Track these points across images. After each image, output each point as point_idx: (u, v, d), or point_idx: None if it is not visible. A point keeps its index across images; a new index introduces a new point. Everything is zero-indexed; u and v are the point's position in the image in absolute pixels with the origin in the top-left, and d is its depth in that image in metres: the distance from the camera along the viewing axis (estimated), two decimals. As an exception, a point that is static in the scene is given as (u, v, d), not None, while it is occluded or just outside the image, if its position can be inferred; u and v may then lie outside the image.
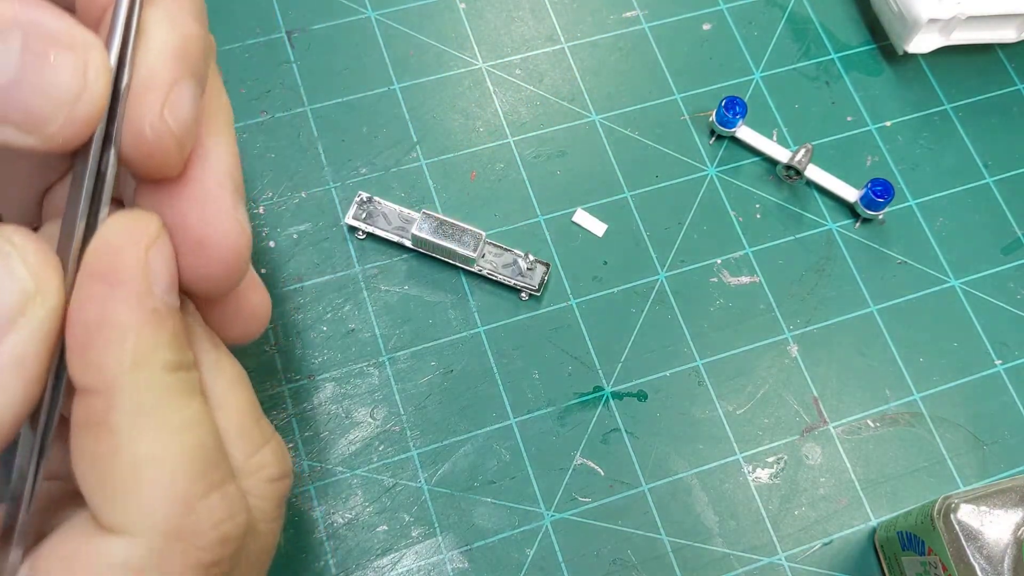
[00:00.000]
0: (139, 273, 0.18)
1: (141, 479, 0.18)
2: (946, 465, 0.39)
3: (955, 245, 0.43)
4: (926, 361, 0.40)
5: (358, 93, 0.43)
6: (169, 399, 0.18)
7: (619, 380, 0.39)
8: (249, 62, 0.43)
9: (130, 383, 0.18)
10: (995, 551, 0.31)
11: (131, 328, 0.18)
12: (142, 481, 0.18)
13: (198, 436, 0.19)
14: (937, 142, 0.45)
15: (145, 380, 0.18)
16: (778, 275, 0.41)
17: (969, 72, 0.46)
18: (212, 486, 0.18)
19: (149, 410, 0.18)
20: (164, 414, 0.18)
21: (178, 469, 0.18)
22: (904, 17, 0.43)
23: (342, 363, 0.38)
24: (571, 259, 0.41)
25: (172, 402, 0.18)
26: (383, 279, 0.40)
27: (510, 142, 0.43)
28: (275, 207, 0.41)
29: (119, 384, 0.18)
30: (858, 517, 0.38)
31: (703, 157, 0.43)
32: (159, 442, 0.18)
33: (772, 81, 0.45)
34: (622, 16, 0.46)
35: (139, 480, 0.18)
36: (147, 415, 0.18)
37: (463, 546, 0.36)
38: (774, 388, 0.39)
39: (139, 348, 0.18)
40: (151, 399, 0.18)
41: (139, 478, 0.18)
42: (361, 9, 0.45)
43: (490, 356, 0.39)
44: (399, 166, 0.42)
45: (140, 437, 0.18)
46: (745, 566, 0.37)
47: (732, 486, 0.38)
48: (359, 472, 0.37)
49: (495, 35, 0.45)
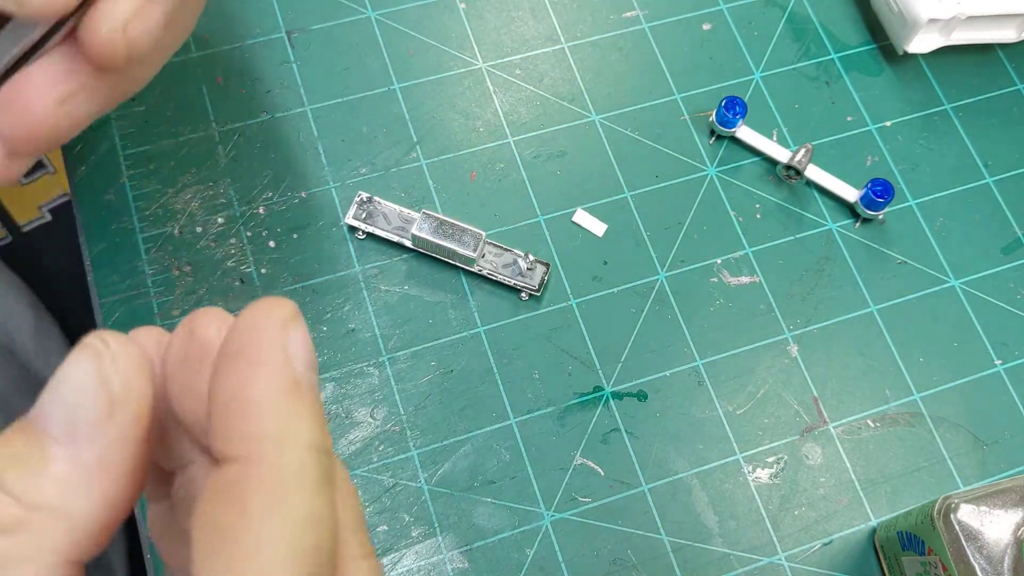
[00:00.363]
0: (279, 349, 0.18)
1: (254, 565, 0.17)
2: (946, 465, 0.39)
3: (955, 245, 0.43)
4: (926, 361, 0.40)
5: (358, 93, 0.43)
6: (307, 482, 0.18)
7: (619, 380, 0.39)
8: (249, 62, 0.43)
9: (273, 454, 0.18)
10: (995, 551, 0.31)
11: (275, 402, 0.18)
12: (254, 567, 0.17)
13: (320, 536, 0.18)
14: (937, 142, 0.45)
15: (288, 455, 0.18)
16: (778, 275, 0.41)
17: (969, 72, 0.46)
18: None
19: (286, 491, 0.18)
20: (299, 499, 0.18)
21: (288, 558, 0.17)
22: (904, 17, 0.43)
23: (342, 363, 0.38)
24: (571, 259, 0.41)
25: (309, 487, 0.18)
26: (383, 279, 0.40)
27: (510, 142, 0.43)
28: (275, 207, 0.41)
29: (262, 455, 0.18)
30: (858, 517, 0.38)
31: (703, 157, 0.43)
32: (284, 533, 0.18)
33: (772, 81, 0.45)
34: (622, 16, 0.46)
35: (251, 565, 0.17)
36: (282, 498, 0.18)
37: (463, 546, 0.36)
38: (774, 388, 0.39)
39: (284, 421, 0.18)
40: (292, 476, 0.18)
41: (252, 562, 0.17)
42: (361, 9, 0.45)
43: (490, 356, 0.39)
44: (399, 166, 0.42)
45: (269, 520, 0.17)
46: (745, 566, 0.37)
47: (732, 486, 0.38)
48: (359, 472, 0.37)
49: (495, 35, 0.45)
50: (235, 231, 0.40)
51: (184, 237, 0.40)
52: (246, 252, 0.40)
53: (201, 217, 0.40)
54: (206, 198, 0.41)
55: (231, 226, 0.40)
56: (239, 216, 0.40)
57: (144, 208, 0.40)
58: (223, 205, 0.41)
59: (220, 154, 0.42)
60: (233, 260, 0.40)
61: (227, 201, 0.41)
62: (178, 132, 0.42)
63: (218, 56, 0.43)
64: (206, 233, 0.40)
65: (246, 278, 0.39)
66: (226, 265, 0.40)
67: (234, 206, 0.41)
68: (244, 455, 0.18)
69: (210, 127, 0.42)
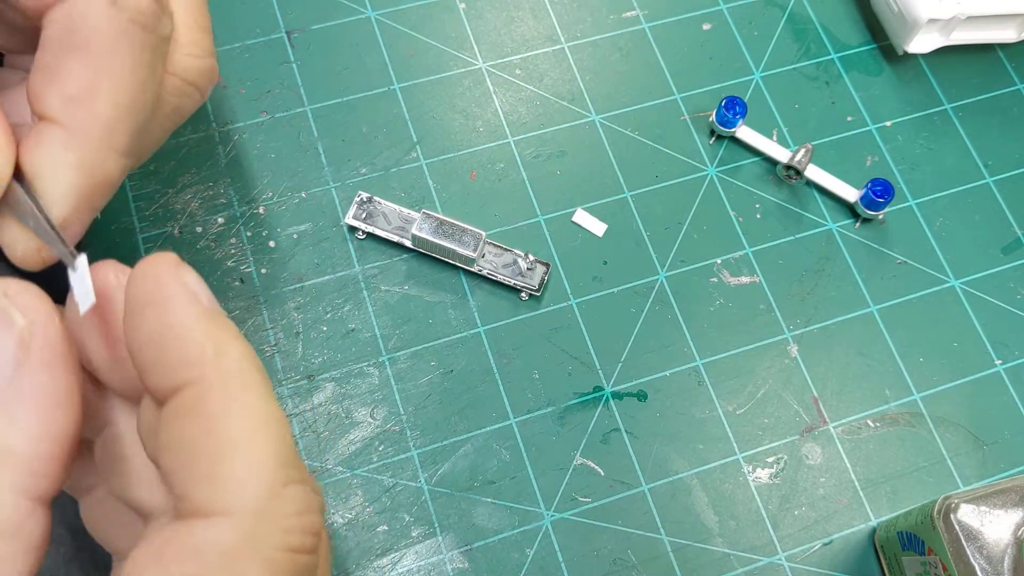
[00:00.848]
0: (182, 285, 0.20)
1: (234, 459, 0.18)
2: (946, 465, 0.39)
3: (955, 245, 0.43)
4: (926, 361, 0.40)
5: (358, 93, 0.43)
6: (255, 387, 0.19)
7: (619, 380, 0.39)
8: (249, 62, 0.43)
9: (216, 369, 0.19)
10: (995, 551, 0.31)
11: (199, 324, 0.19)
12: (235, 461, 0.18)
13: (281, 430, 0.19)
14: (937, 142, 0.45)
15: (229, 365, 0.19)
16: (778, 275, 0.41)
17: (969, 72, 0.46)
18: (295, 478, 0.19)
19: (238, 394, 0.19)
20: (252, 401, 0.19)
21: (268, 453, 0.19)
22: (904, 17, 0.43)
23: (342, 363, 0.38)
24: (571, 259, 0.41)
25: (258, 390, 0.19)
26: (383, 279, 0.40)
27: (510, 142, 0.43)
28: (275, 207, 0.41)
29: (205, 372, 0.19)
30: (858, 517, 0.38)
31: (703, 157, 0.43)
32: (250, 426, 0.19)
33: (772, 81, 0.45)
34: (622, 16, 0.46)
35: (231, 459, 0.18)
36: (237, 399, 0.19)
37: (463, 546, 0.36)
38: (774, 388, 0.39)
39: (216, 337, 0.19)
40: (238, 384, 0.19)
41: (231, 458, 0.18)
42: (361, 9, 0.45)
43: (490, 356, 0.39)
44: (399, 166, 0.42)
45: (232, 420, 0.19)
46: (745, 566, 0.37)
47: (732, 486, 0.38)
48: (359, 472, 0.37)
49: (495, 35, 0.45)
50: (235, 231, 0.40)
51: (184, 237, 0.40)
52: (246, 252, 0.40)
53: (201, 217, 0.40)
54: (206, 198, 0.41)
55: (231, 226, 0.40)
56: (239, 216, 0.41)
57: (144, 208, 0.40)
58: (223, 205, 0.41)
59: (220, 154, 0.42)
60: (233, 260, 0.40)
61: (227, 201, 0.41)
62: (178, 132, 0.42)
63: (218, 56, 0.43)
64: (206, 233, 0.40)
65: (246, 278, 0.39)
66: (226, 265, 0.40)
67: (234, 206, 0.41)
68: (186, 379, 0.19)
69: (210, 127, 0.42)
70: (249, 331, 0.39)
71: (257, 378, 0.20)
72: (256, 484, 0.18)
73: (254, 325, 0.39)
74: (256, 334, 0.39)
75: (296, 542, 0.19)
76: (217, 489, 0.18)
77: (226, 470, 0.18)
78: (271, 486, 0.19)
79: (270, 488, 0.18)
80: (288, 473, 0.19)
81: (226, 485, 0.18)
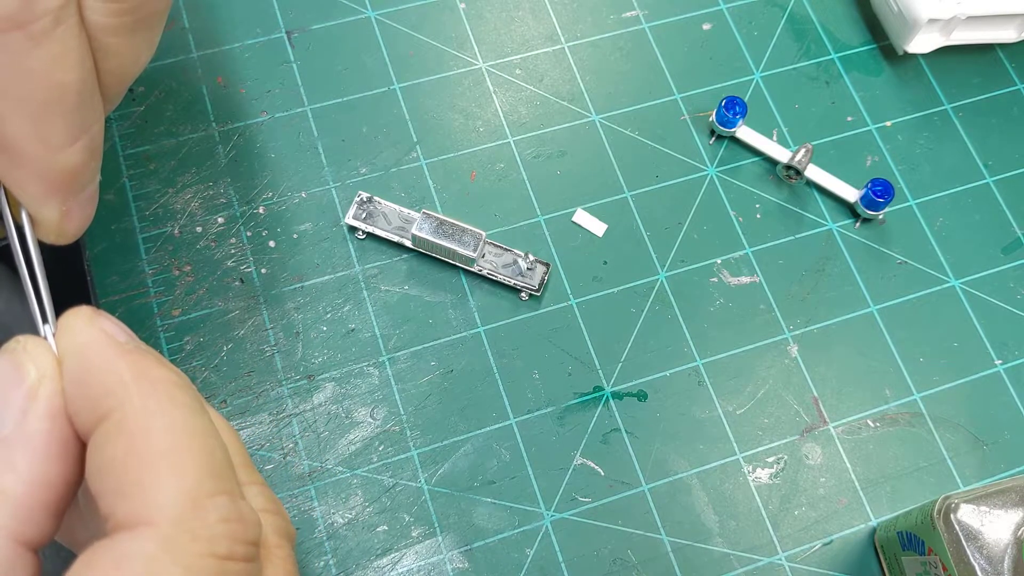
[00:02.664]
0: (96, 331, 0.21)
1: (155, 471, 0.19)
2: (946, 465, 0.39)
3: (955, 245, 0.43)
4: (926, 361, 0.40)
5: (358, 93, 0.43)
6: (179, 403, 0.20)
7: (619, 380, 0.39)
8: (249, 62, 0.43)
9: (134, 391, 0.20)
10: (995, 551, 0.31)
11: (115, 357, 0.20)
12: (156, 473, 0.19)
13: (207, 442, 0.20)
14: (937, 142, 0.45)
15: (150, 387, 0.20)
16: (778, 275, 0.41)
17: (969, 72, 0.46)
18: (220, 490, 0.19)
19: (159, 412, 0.19)
20: (175, 416, 0.20)
21: (190, 464, 0.19)
22: (904, 17, 0.43)
23: (342, 363, 0.38)
24: (571, 259, 0.41)
25: (183, 407, 0.20)
26: (383, 279, 0.40)
27: (510, 142, 0.43)
28: (275, 207, 0.41)
29: (125, 396, 0.19)
30: (858, 517, 0.38)
31: (703, 157, 0.43)
32: (171, 440, 0.19)
33: (772, 81, 0.45)
34: (622, 16, 0.46)
35: (152, 472, 0.19)
36: (158, 416, 0.19)
37: (463, 546, 0.36)
38: (774, 388, 0.39)
39: (131, 365, 0.20)
40: (159, 402, 0.20)
41: (152, 471, 0.19)
42: (361, 9, 0.45)
43: (490, 356, 0.39)
44: (399, 166, 0.42)
45: (153, 436, 0.19)
46: (745, 566, 0.37)
47: (732, 486, 0.38)
48: (359, 472, 0.37)
49: (495, 35, 0.45)
50: (235, 231, 0.40)
51: (184, 237, 0.40)
52: (246, 252, 0.40)
53: (201, 217, 0.40)
54: (206, 198, 0.41)
55: (231, 226, 0.40)
56: (239, 216, 0.40)
57: (144, 208, 0.40)
58: (223, 205, 0.41)
59: (220, 154, 0.42)
60: (233, 260, 0.40)
61: (227, 201, 0.41)
62: (178, 132, 0.42)
63: (218, 56, 0.43)
64: (206, 233, 0.40)
65: (246, 278, 0.39)
66: (226, 265, 0.40)
67: (234, 206, 0.41)
68: (109, 407, 0.20)
69: (210, 127, 0.42)
70: (249, 331, 0.39)
71: (181, 395, 0.20)
72: (175, 492, 0.19)
73: (254, 325, 0.39)
74: (256, 334, 0.39)
75: (223, 550, 0.19)
76: (138, 501, 0.19)
77: (147, 482, 0.19)
78: (193, 495, 0.19)
79: (191, 497, 0.19)
80: (216, 484, 0.19)
81: (146, 496, 0.19)
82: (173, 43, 0.43)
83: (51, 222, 0.26)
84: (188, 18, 0.44)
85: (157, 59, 0.43)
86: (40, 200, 0.26)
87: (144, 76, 0.42)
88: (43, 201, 0.26)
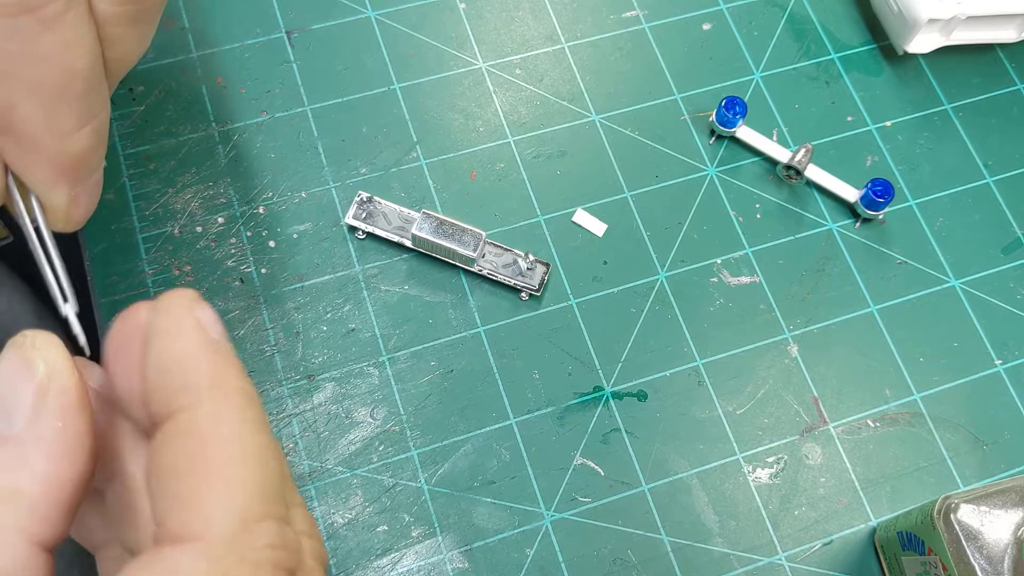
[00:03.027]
0: (193, 318, 0.20)
1: (212, 484, 0.19)
2: (946, 465, 0.39)
3: (955, 245, 0.43)
4: (926, 361, 0.40)
5: (358, 93, 0.43)
6: (248, 419, 0.20)
7: (619, 380, 0.39)
8: (249, 62, 0.43)
9: (211, 396, 0.19)
10: (995, 551, 0.31)
11: (201, 355, 0.20)
12: (212, 486, 0.19)
13: (269, 464, 0.20)
14: (937, 142, 0.45)
15: (222, 396, 0.20)
16: (778, 275, 0.41)
17: (969, 72, 0.46)
18: (270, 514, 0.19)
19: (229, 422, 0.19)
20: (242, 431, 0.19)
21: (248, 482, 0.19)
22: (904, 17, 0.43)
23: (342, 363, 0.38)
24: (571, 259, 0.41)
25: (248, 423, 0.20)
26: (383, 279, 0.40)
27: (510, 142, 0.43)
28: (275, 207, 0.41)
29: (199, 399, 0.19)
30: (858, 517, 0.38)
31: (703, 157, 0.43)
32: (234, 454, 0.19)
33: (772, 81, 0.45)
34: (622, 16, 0.46)
35: (210, 485, 0.19)
36: (227, 427, 0.19)
37: (463, 546, 0.36)
38: (774, 388, 0.39)
39: (214, 368, 0.20)
40: (231, 413, 0.19)
41: (210, 483, 0.19)
42: (361, 9, 0.45)
43: (490, 356, 0.39)
44: (399, 166, 0.42)
45: (218, 446, 0.19)
46: (745, 566, 0.37)
47: (732, 486, 0.38)
48: (359, 472, 0.37)
49: (495, 35, 0.45)
50: (235, 231, 0.40)
51: (184, 237, 0.40)
52: (246, 252, 0.40)
53: (201, 217, 0.40)
54: (206, 198, 0.41)
55: (231, 226, 0.40)
56: (239, 216, 0.40)
57: (144, 208, 0.40)
58: (223, 205, 0.41)
59: (220, 154, 0.42)
60: (233, 260, 0.40)
61: (227, 201, 0.41)
62: (178, 132, 0.42)
63: (218, 56, 0.43)
64: (206, 233, 0.40)
65: (246, 278, 0.39)
66: (226, 265, 0.40)
67: (234, 206, 0.41)
68: (183, 405, 0.19)
69: (210, 127, 0.42)
70: (249, 331, 0.39)
71: (252, 412, 0.20)
72: (229, 512, 0.18)
73: (254, 325, 0.39)
74: (256, 334, 0.39)
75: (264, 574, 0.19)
76: (191, 514, 0.18)
77: (203, 495, 0.19)
78: (244, 517, 0.19)
79: (243, 518, 0.19)
80: (266, 508, 0.19)
81: (200, 510, 0.18)
82: (173, 43, 0.43)
83: (60, 208, 0.26)
84: (188, 18, 0.44)
85: (157, 59, 0.43)
86: (49, 185, 0.26)
87: (144, 76, 0.42)
88: (52, 186, 0.26)
